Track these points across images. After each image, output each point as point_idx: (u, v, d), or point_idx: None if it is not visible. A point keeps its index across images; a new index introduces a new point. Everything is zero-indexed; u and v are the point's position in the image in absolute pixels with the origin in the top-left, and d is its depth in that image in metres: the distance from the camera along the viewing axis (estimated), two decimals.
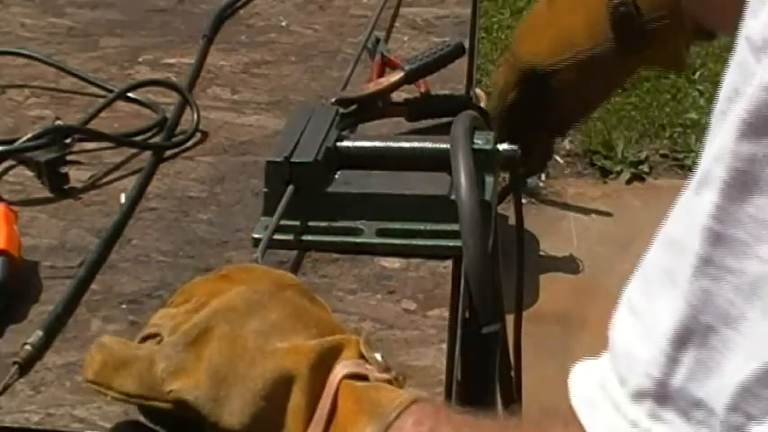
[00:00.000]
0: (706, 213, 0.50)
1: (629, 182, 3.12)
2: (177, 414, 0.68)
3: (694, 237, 0.51)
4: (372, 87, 1.07)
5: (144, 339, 0.71)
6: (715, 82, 3.52)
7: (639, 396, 0.53)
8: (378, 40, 1.22)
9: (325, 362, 0.67)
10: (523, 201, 1.35)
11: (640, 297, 0.55)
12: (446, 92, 1.14)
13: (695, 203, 0.51)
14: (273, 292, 0.71)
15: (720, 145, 0.49)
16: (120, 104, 1.14)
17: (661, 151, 3.23)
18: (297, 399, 0.66)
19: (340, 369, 0.67)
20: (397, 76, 1.07)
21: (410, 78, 1.08)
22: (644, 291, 0.55)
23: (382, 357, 0.69)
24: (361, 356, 0.68)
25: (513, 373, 1.17)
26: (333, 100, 1.05)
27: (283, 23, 1.35)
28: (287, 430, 0.66)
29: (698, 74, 3.58)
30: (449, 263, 0.90)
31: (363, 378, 0.67)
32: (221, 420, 0.66)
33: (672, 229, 0.54)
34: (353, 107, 1.04)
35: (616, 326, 0.57)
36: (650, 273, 0.55)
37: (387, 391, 0.66)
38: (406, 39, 1.29)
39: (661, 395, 0.52)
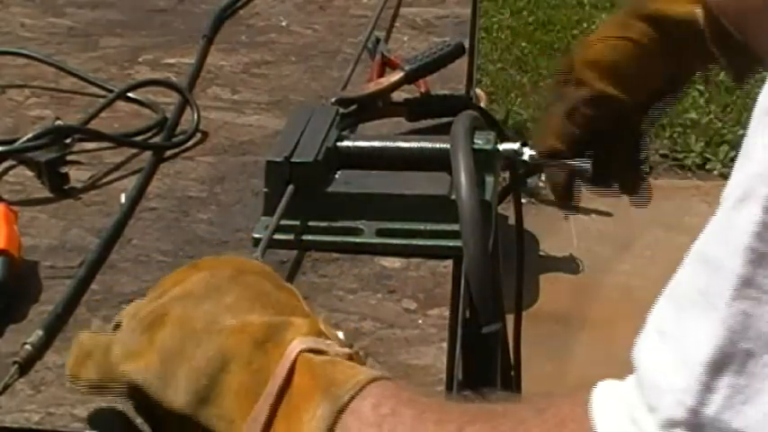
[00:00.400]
0: (748, 232, 0.48)
1: None
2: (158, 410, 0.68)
3: (734, 256, 0.48)
4: (372, 87, 1.07)
5: (114, 328, 0.72)
6: (715, 82, 3.52)
7: (671, 426, 0.50)
8: (378, 40, 1.23)
9: (273, 339, 0.67)
10: (523, 201, 1.35)
11: (671, 320, 0.53)
12: (446, 92, 1.14)
13: (734, 221, 0.49)
14: (234, 276, 0.71)
15: (763, 160, 0.47)
16: (120, 104, 1.14)
17: (661, 151, 3.23)
18: (239, 377, 0.66)
19: (297, 344, 0.66)
20: (397, 76, 1.07)
21: (410, 78, 1.08)
22: (675, 313, 0.52)
23: (344, 336, 0.69)
24: (321, 334, 0.68)
25: (513, 373, 1.17)
26: (333, 100, 1.05)
27: (283, 23, 1.35)
28: (229, 409, 0.65)
29: (698, 74, 3.57)
30: (449, 262, 0.90)
31: (322, 354, 0.66)
32: (166, 400, 0.66)
33: (707, 247, 0.51)
34: (353, 107, 1.04)
35: (643, 349, 0.54)
36: (682, 294, 0.53)
37: (344, 368, 0.66)
38: (406, 39, 1.30)
39: (694, 425, 0.50)
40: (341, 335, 0.69)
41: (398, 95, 1.09)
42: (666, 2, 0.97)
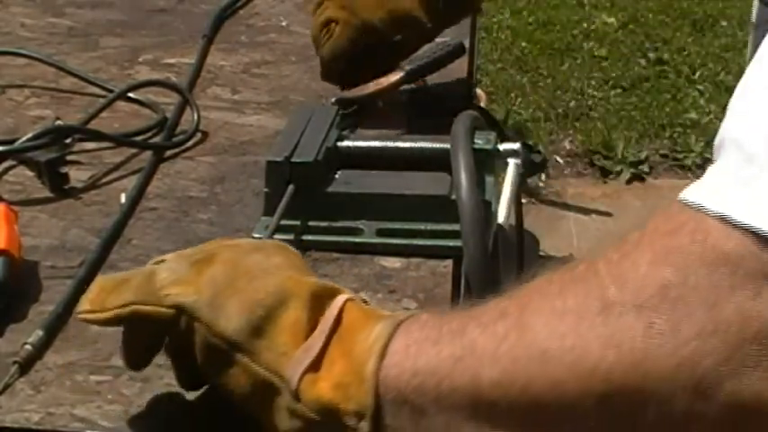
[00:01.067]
0: None
1: (629, 182, 3.12)
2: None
3: None
4: (372, 87, 1.07)
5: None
6: (715, 82, 3.52)
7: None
8: None
9: (323, 296, 0.67)
10: (523, 201, 1.35)
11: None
12: (446, 91, 1.14)
13: None
14: (277, 246, 0.73)
15: None
16: (120, 104, 1.14)
17: (661, 151, 3.23)
18: (296, 314, 0.66)
19: (342, 296, 0.67)
20: (397, 75, 1.07)
21: (410, 78, 1.08)
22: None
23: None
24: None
25: None
26: (333, 100, 1.05)
27: (283, 23, 1.35)
28: (281, 342, 0.65)
29: (698, 74, 3.58)
30: (449, 262, 0.90)
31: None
32: (216, 325, 0.66)
33: None
34: (353, 107, 1.04)
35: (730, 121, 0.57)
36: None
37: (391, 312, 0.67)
38: None
39: None
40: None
41: (399, 97, 1.10)
42: None
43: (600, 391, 0.55)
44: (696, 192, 0.56)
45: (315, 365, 0.64)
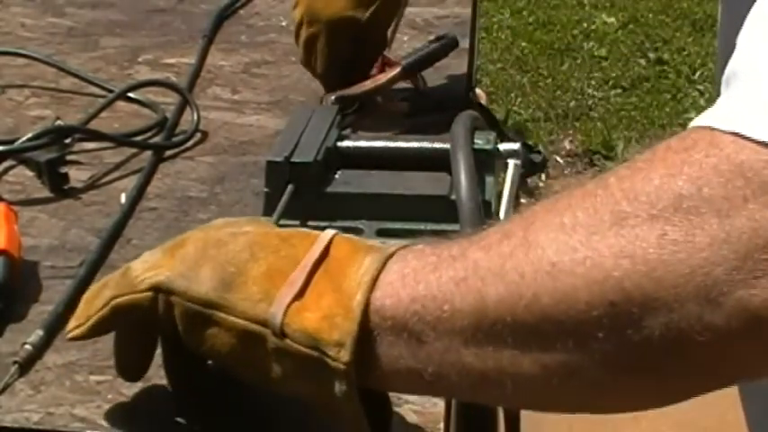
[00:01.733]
0: None
1: None
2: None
3: None
4: (370, 84, 1.07)
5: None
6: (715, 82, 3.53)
7: None
8: None
9: (298, 236, 0.67)
10: (523, 201, 1.35)
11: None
12: (445, 90, 1.14)
13: None
14: (251, 219, 0.74)
15: None
16: (120, 104, 1.14)
17: None
18: (267, 262, 0.65)
19: (327, 232, 0.66)
20: (394, 71, 1.08)
21: (407, 73, 1.08)
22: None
23: None
24: None
25: None
26: (332, 98, 1.05)
27: (283, 23, 1.35)
28: (256, 290, 0.64)
29: (698, 74, 3.58)
30: None
31: None
32: (190, 290, 0.66)
33: None
34: (353, 105, 1.04)
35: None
36: None
37: (380, 243, 0.66)
38: (406, 39, 1.29)
39: None
40: None
41: (398, 94, 1.10)
42: None
43: (610, 300, 0.55)
44: (707, 117, 0.56)
45: (300, 296, 0.63)
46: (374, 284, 0.62)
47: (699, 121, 0.57)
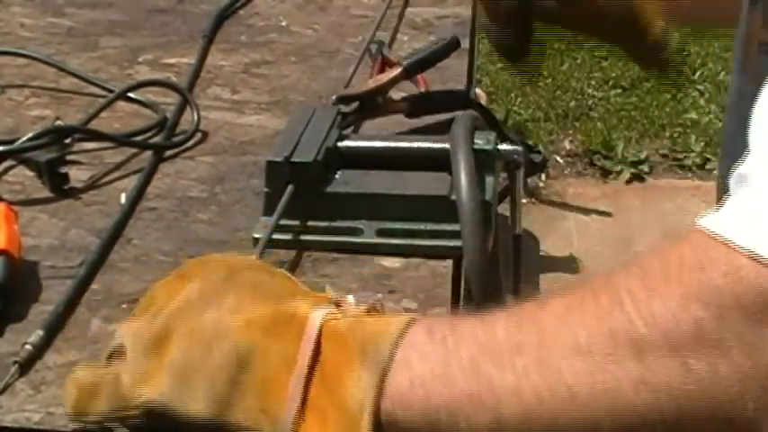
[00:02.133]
0: None
1: (628, 182, 3.12)
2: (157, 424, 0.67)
3: None
4: (371, 84, 1.07)
5: (111, 356, 0.70)
6: (715, 82, 3.52)
7: None
8: (381, 43, 1.23)
9: (282, 322, 0.65)
10: (523, 201, 1.35)
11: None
12: (445, 90, 1.14)
13: None
14: (228, 276, 0.70)
15: None
16: (121, 104, 1.14)
17: (661, 151, 3.24)
18: (260, 370, 0.64)
19: (315, 316, 0.64)
20: (395, 71, 1.07)
21: (408, 73, 1.08)
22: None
23: (353, 299, 0.67)
24: (329, 303, 0.66)
25: None
26: (333, 98, 1.05)
27: (283, 23, 1.35)
28: (256, 404, 0.63)
29: (698, 74, 3.58)
30: (449, 262, 0.90)
31: (341, 318, 0.65)
32: (189, 412, 0.65)
33: None
34: (354, 105, 1.04)
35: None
36: None
37: (373, 324, 0.63)
38: (406, 39, 1.30)
39: None
40: (351, 298, 0.67)
41: (399, 94, 1.10)
42: None
43: (633, 427, 0.55)
44: (720, 223, 0.55)
45: (302, 414, 0.62)
46: (379, 403, 0.60)
47: (710, 223, 0.55)
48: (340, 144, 0.95)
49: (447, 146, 0.90)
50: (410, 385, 0.60)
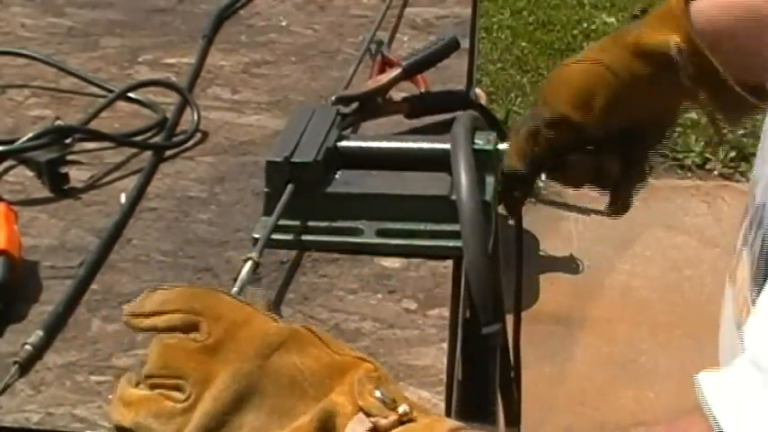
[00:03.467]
0: None
1: None
2: None
3: None
4: (371, 84, 1.07)
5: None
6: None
7: None
8: (381, 43, 1.23)
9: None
10: None
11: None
12: (445, 90, 1.14)
13: None
14: (262, 365, 0.68)
15: None
16: (121, 104, 1.14)
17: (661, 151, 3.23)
18: None
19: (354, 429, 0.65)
20: (394, 72, 1.08)
21: (408, 74, 1.08)
22: None
23: (381, 393, 0.66)
24: (365, 391, 0.66)
25: (512, 373, 1.17)
26: (333, 99, 1.05)
27: (283, 23, 1.35)
28: None
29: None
30: (449, 262, 0.90)
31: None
32: None
33: None
34: (354, 105, 1.04)
35: (737, 381, 0.57)
36: None
37: None
38: (406, 39, 1.30)
39: None
40: (378, 393, 0.67)
41: (399, 95, 1.10)
42: (648, 29, 0.91)
43: None
44: (717, 398, 0.57)
45: None
46: None
47: (709, 394, 0.57)
48: (340, 144, 0.95)
49: (447, 146, 0.90)
50: None
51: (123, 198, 0.99)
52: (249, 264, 0.82)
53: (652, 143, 0.98)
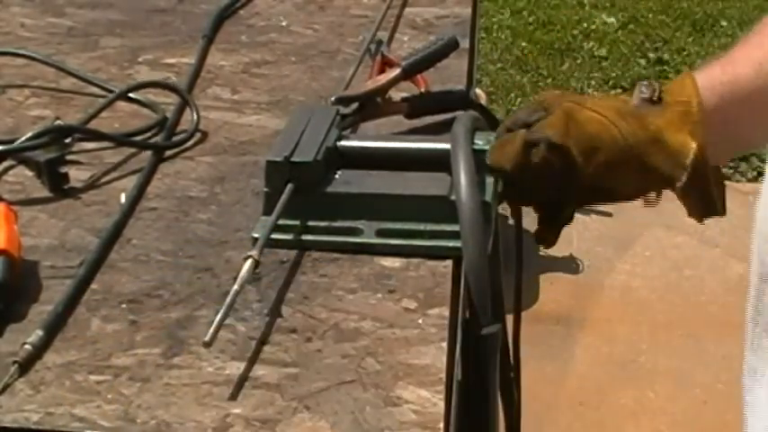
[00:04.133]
0: None
1: None
2: None
3: None
4: (371, 85, 1.07)
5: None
6: None
7: None
8: (381, 43, 1.23)
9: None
10: None
11: None
12: (445, 90, 1.14)
13: None
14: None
15: None
16: (120, 104, 1.14)
17: None
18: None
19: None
20: (394, 72, 1.08)
21: (407, 74, 1.08)
22: None
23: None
24: None
25: (512, 373, 1.17)
26: (333, 99, 1.05)
27: (283, 23, 1.35)
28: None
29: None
30: (449, 262, 0.90)
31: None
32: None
33: None
34: (354, 106, 1.04)
35: None
36: None
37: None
38: (406, 39, 1.30)
39: None
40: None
41: (398, 95, 1.10)
42: (668, 123, 0.92)
43: None
44: None
45: None
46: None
47: None
48: (340, 144, 0.95)
49: (447, 146, 0.90)
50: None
51: (123, 198, 0.99)
52: (249, 262, 0.82)
53: (611, 202, 0.99)
